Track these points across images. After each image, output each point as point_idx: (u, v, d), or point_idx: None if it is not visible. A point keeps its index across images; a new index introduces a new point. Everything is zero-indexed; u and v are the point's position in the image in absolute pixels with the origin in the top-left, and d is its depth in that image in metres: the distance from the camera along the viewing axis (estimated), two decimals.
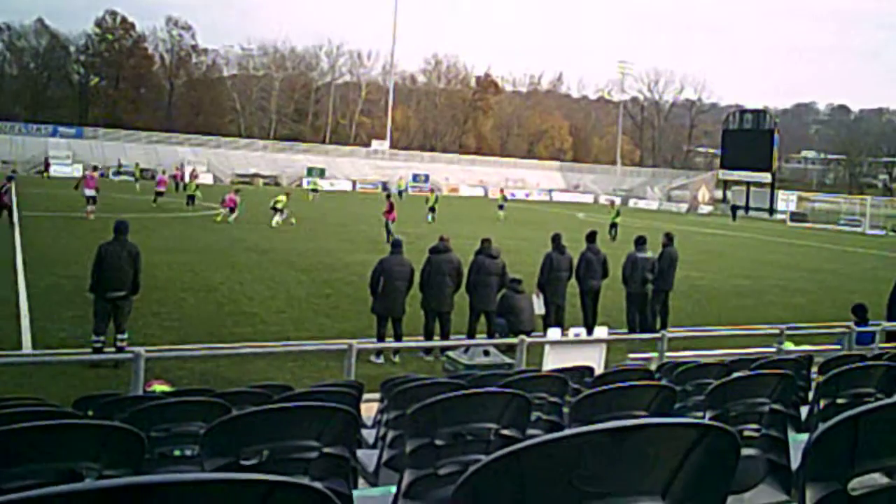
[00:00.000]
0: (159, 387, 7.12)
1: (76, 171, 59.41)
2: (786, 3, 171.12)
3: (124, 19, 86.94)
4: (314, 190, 47.59)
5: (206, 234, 25.58)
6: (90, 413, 4.53)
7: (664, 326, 13.39)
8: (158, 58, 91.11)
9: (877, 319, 11.30)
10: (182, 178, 37.09)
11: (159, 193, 35.11)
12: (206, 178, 61.55)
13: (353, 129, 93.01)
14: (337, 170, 70.54)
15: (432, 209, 35.68)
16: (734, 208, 59.54)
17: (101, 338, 10.13)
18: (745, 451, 3.41)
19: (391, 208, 26.57)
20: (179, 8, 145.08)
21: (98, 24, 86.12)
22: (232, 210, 30.27)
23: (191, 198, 34.71)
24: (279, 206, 30.24)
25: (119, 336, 10.27)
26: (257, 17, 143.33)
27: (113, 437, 2.84)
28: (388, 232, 25.33)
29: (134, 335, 10.89)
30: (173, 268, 17.95)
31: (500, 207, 42.10)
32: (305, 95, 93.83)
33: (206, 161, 66.36)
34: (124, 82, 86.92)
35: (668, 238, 14.63)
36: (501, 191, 48.55)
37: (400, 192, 45.71)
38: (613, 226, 32.43)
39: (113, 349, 10.09)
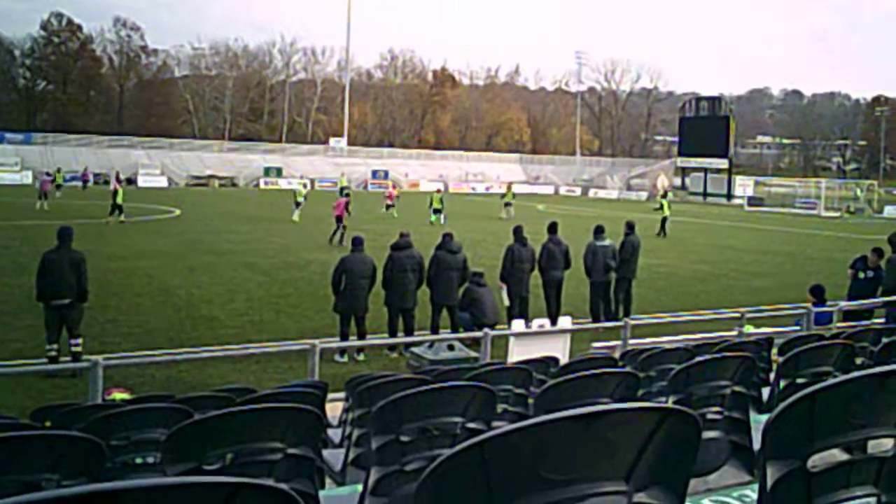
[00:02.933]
0: (119, 395, 7.01)
1: (25, 177, 58.27)
2: None
3: (70, 21, 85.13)
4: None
5: (160, 239, 25.16)
6: (48, 424, 4.45)
7: (627, 314, 13.54)
8: (107, 60, 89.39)
9: (833, 300, 11.53)
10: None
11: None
12: (160, 181, 60.77)
13: (310, 126, 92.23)
14: (294, 169, 69.81)
15: (437, 210, 33.66)
16: (664, 195, 60.40)
17: (55, 346, 9.96)
18: (708, 434, 3.46)
19: (339, 206, 26.25)
20: (127, 8, 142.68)
21: (43, 26, 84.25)
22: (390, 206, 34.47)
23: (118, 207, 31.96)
24: (299, 199, 32.71)
25: (72, 342, 10.10)
26: (207, 16, 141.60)
27: (71, 447, 2.79)
28: (340, 229, 25.17)
29: (91, 343, 10.69)
30: (129, 274, 17.64)
31: (508, 204, 38.80)
32: (260, 94, 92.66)
33: (159, 164, 65.28)
34: (72, 85, 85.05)
35: (630, 227, 14.80)
36: (509, 186, 44.69)
37: (341, 190, 43.44)
38: (664, 220, 31.88)
39: (69, 357, 9.91)
